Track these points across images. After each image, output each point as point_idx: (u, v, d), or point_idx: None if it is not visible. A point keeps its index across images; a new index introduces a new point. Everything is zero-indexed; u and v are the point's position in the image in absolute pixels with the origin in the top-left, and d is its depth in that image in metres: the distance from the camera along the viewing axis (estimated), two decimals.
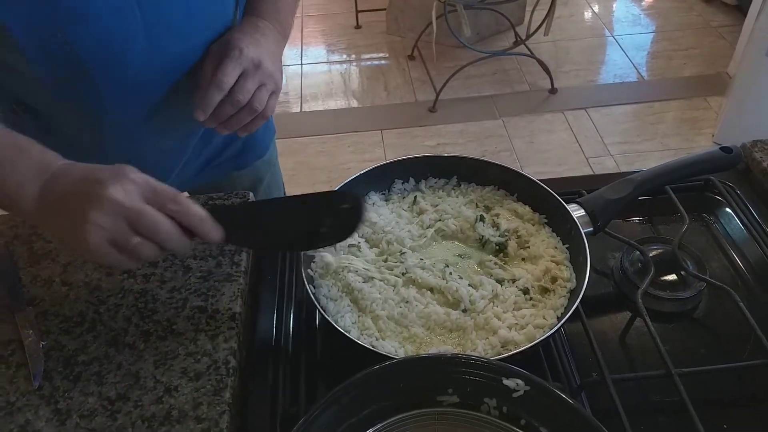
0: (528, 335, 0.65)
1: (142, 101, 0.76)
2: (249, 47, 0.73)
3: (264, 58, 0.74)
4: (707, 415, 0.62)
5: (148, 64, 0.72)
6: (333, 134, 2.68)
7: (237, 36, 0.74)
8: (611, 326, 0.75)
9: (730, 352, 0.72)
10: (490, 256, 0.76)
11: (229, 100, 0.71)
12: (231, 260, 0.76)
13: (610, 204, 0.77)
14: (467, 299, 0.69)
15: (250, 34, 0.76)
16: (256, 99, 0.73)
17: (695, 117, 2.67)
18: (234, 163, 1.02)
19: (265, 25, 0.79)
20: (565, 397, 0.52)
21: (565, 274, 0.71)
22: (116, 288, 0.74)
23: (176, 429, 0.60)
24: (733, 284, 0.77)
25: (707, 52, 3.05)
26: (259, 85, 0.73)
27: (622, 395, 0.63)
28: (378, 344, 0.65)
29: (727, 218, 0.86)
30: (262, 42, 0.76)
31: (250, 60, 0.72)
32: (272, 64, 0.75)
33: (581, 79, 2.93)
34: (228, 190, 0.88)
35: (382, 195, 0.84)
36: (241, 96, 0.72)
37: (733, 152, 0.80)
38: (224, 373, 0.65)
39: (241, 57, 0.72)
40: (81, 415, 0.62)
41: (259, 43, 0.75)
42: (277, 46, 0.80)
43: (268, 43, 0.77)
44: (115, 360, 0.67)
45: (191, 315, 0.71)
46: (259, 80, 0.73)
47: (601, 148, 2.53)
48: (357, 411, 0.54)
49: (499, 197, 0.83)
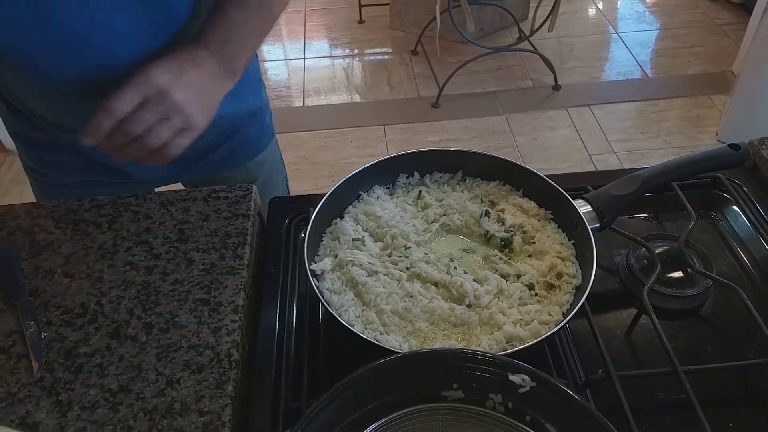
0: (533, 331, 0.64)
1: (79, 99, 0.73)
2: (161, 75, 0.66)
3: (176, 90, 0.66)
4: (713, 413, 0.62)
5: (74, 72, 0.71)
6: (335, 129, 2.67)
7: (158, 61, 0.68)
8: (617, 323, 0.74)
9: (736, 350, 0.71)
10: (496, 251, 0.76)
11: (120, 128, 0.65)
12: (234, 253, 0.76)
13: (616, 200, 0.76)
14: (472, 294, 0.69)
15: (177, 62, 0.69)
16: (152, 133, 0.66)
17: (699, 115, 2.66)
18: (224, 163, 0.99)
19: (204, 56, 0.71)
20: (572, 393, 0.51)
21: (571, 270, 0.71)
22: (118, 280, 0.73)
23: (178, 422, 0.60)
24: (740, 282, 0.77)
25: (712, 50, 3.04)
26: (162, 119, 0.66)
27: (627, 392, 0.63)
28: (382, 338, 0.65)
29: (733, 216, 0.85)
30: (188, 73, 0.69)
31: (156, 88, 0.65)
32: (187, 97, 0.67)
33: (585, 76, 2.92)
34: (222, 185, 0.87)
35: (386, 189, 0.83)
36: (133, 126, 0.65)
37: (741, 149, 0.80)
38: (227, 366, 0.64)
39: (145, 84, 0.65)
40: (82, 406, 0.61)
41: (182, 74, 0.68)
42: (213, 82, 0.72)
43: (198, 76, 0.69)
44: (117, 352, 0.66)
45: (194, 307, 0.70)
46: (162, 113, 0.66)
47: (605, 146, 2.52)
48: (361, 405, 0.53)
49: (504, 192, 0.82)
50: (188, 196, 0.84)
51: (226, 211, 0.81)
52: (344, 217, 0.79)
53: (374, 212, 0.78)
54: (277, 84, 3.01)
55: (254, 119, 0.99)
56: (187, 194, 0.84)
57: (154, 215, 0.81)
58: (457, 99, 2.78)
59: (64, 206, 0.83)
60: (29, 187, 1.01)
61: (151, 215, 0.81)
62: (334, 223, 0.78)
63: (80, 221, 0.81)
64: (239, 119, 0.96)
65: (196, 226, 0.79)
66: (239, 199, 0.83)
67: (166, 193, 0.84)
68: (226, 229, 0.79)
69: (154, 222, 0.80)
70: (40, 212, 0.82)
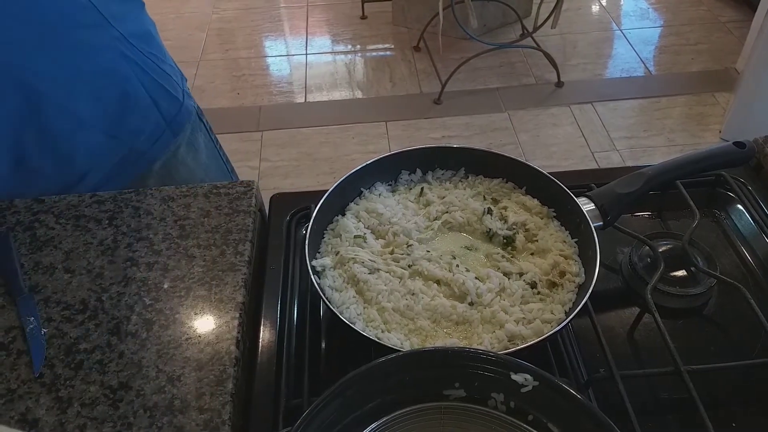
0: (535, 330, 0.64)
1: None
2: None
3: None
4: (716, 412, 0.61)
5: None
6: (337, 125, 2.66)
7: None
8: (619, 322, 0.74)
9: (740, 350, 0.71)
10: (498, 249, 0.76)
11: None
12: (235, 249, 0.76)
13: (620, 198, 0.75)
14: (474, 292, 0.68)
15: None
16: None
17: (702, 113, 2.65)
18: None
19: None
20: (575, 393, 0.51)
21: (574, 268, 0.70)
22: (119, 276, 0.73)
23: (178, 419, 0.60)
24: (744, 281, 0.76)
25: (715, 47, 3.03)
26: None
27: (630, 392, 0.62)
28: (383, 336, 0.65)
29: (738, 214, 0.85)
30: None
31: None
32: None
33: (588, 73, 2.91)
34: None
35: (388, 186, 0.83)
36: None
37: (746, 147, 0.79)
38: (227, 363, 0.64)
39: None
40: (82, 403, 0.61)
41: None
42: None
43: None
44: (118, 348, 0.66)
45: (194, 304, 0.70)
46: None
47: (607, 143, 2.52)
48: (361, 404, 0.53)
49: (507, 190, 0.82)
50: (189, 192, 0.83)
51: (227, 208, 0.81)
52: (346, 213, 0.79)
53: (376, 209, 0.78)
54: (279, 80, 3.00)
55: None
56: (187, 190, 0.84)
57: (154, 211, 0.81)
58: (459, 95, 2.77)
59: (64, 201, 0.82)
60: None
61: (151, 211, 0.81)
62: (335, 219, 0.78)
63: (81, 217, 0.80)
64: None
65: (197, 223, 0.79)
66: (240, 195, 0.83)
67: (167, 189, 0.84)
68: (227, 225, 0.79)
69: (154, 218, 0.80)
70: (41, 207, 0.82)
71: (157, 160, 0.94)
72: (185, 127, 0.97)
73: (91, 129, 0.84)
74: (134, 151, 0.91)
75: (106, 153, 0.88)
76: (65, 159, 0.84)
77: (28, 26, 0.73)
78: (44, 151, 0.82)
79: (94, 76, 0.82)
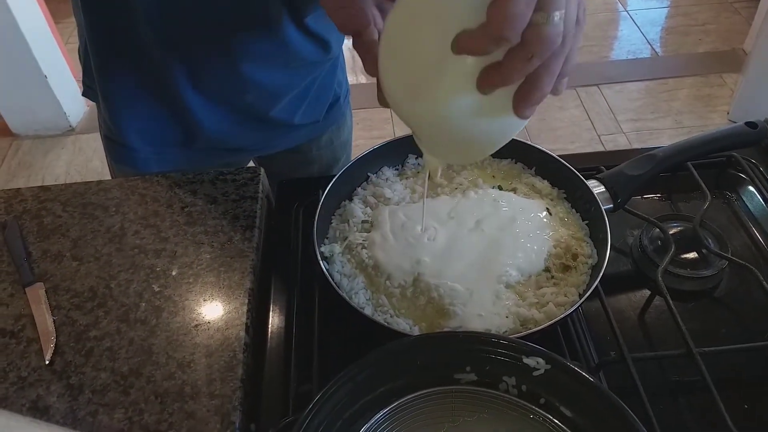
0: (548, 313, 0.63)
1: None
2: None
3: None
4: (728, 394, 0.61)
5: None
6: None
7: None
8: (629, 305, 0.74)
9: (751, 331, 0.70)
10: None
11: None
12: (243, 236, 0.75)
13: (630, 180, 0.75)
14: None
15: None
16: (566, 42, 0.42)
17: (710, 94, 2.62)
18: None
19: None
20: (587, 376, 0.51)
21: (587, 250, 0.70)
22: (127, 263, 0.73)
23: (189, 405, 0.60)
24: (755, 262, 0.75)
25: (723, 27, 2.99)
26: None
27: (641, 374, 0.62)
28: (393, 321, 0.64)
29: (749, 195, 0.84)
30: None
31: None
32: None
33: (594, 55, 2.88)
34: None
35: (395, 170, 0.82)
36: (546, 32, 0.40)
37: (758, 127, 0.78)
38: (237, 349, 0.64)
39: None
40: (93, 390, 0.61)
41: None
42: None
43: None
44: (127, 335, 0.66)
45: (203, 290, 0.70)
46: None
47: (614, 125, 2.50)
48: (372, 389, 0.53)
49: (516, 171, 0.81)
50: (195, 179, 0.83)
51: (234, 194, 0.81)
52: (353, 199, 0.78)
53: (383, 194, 0.77)
54: None
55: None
56: (194, 177, 0.83)
57: (161, 198, 0.81)
58: None
59: (71, 189, 0.82)
60: (36, 170, 1.00)
61: (158, 198, 0.81)
62: (343, 205, 0.77)
63: (87, 204, 0.80)
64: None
65: (204, 209, 0.79)
66: (247, 181, 0.82)
67: (173, 176, 0.83)
68: (234, 211, 0.78)
69: (161, 205, 0.80)
70: (48, 195, 0.81)
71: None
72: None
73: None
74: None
75: None
76: None
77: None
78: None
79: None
